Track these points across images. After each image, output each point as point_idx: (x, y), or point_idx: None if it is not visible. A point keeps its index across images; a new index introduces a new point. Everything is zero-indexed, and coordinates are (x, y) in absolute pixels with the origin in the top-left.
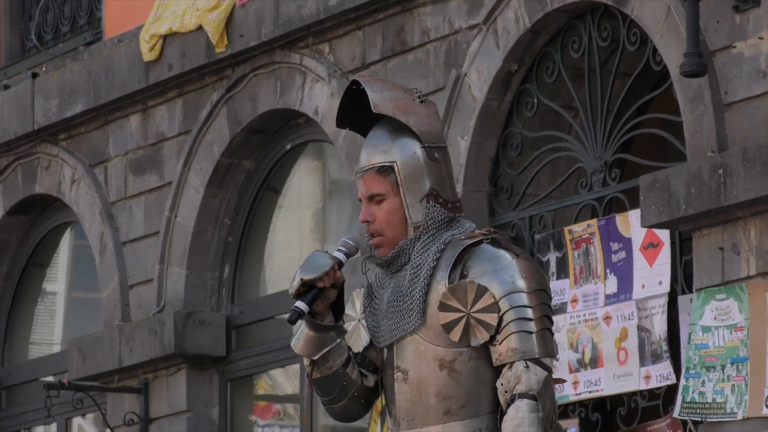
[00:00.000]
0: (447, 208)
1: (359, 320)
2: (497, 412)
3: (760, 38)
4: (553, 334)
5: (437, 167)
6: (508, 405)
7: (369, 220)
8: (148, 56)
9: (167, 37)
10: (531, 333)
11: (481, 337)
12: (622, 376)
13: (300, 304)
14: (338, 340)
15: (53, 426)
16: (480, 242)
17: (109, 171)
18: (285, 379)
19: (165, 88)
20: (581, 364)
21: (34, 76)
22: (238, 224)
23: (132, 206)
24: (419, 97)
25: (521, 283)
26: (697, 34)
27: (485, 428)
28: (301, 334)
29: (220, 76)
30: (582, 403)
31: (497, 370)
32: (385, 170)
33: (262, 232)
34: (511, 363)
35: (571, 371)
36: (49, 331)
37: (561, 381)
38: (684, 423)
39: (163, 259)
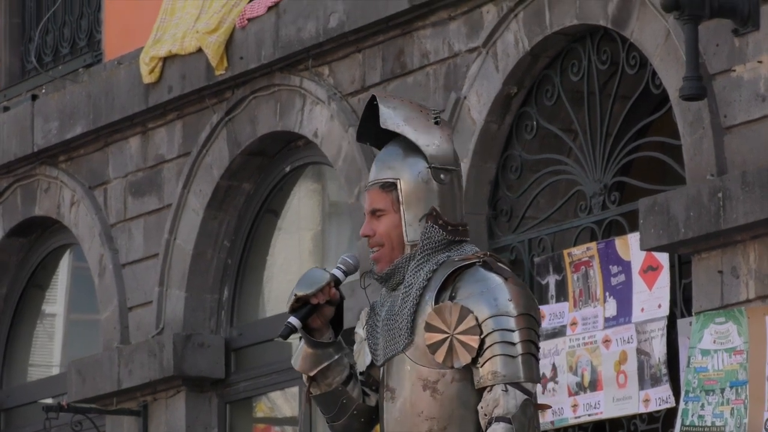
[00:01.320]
0: (447, 230)
1: (365, 339)
2: None
3: (760, 62)
4: (538, 359)
5: (443, 189)
6: (486, 428)
7: (369, 234)
8: (147, 78)
9: (167, 60)
10: (514, 357)
11: (463, 359)
12: (621, 400)
13: (292, 320)
14: (336, 357)
15: None
16: (472, 264)
17: (108, 193)
18: (284, 402)
19: (165, 111)
20: (580, 387)
21: (34, 98)
22: (238, 246)
23: (131, 228)
24: (435, 118)
25: (507, 307)
26: (696, 57)
27: None
28: (299, 350)
29: (220, 99)
30: (581, 426)
31: (480, 393)
32: (389, 186)
33: (261, 255)
34: (492, 386)
35: (570, 394)
36: (48, 353)
37: (545, 407)
38: None
39: (163, 281)
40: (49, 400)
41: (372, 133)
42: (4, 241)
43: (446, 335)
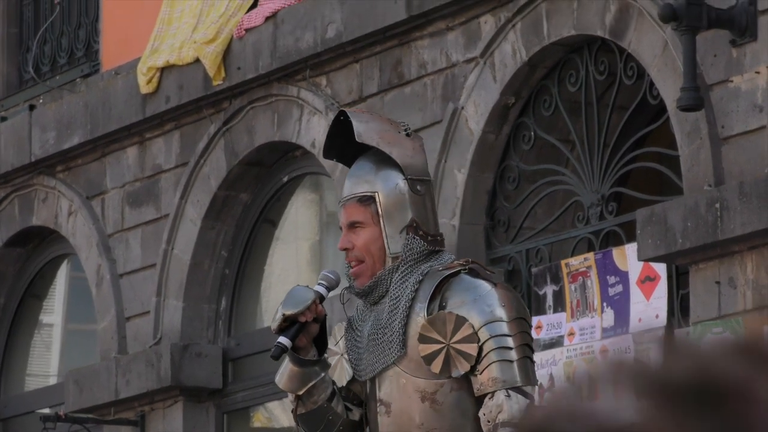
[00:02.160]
0: (427, 240)
1: (342, 354)
2: None
3: (757, 72)
4: (534, 362)
5: (420, 200)
6: None
7: (348, 247)
8: (145, 89)
9: (164, 70)
10: (512, 361)
11: (461, 368)
12: None
13: (283, 340)
14: (322, 375)
15: None
16: (458, 273)
17: (106, 203)
18: (281, 412)
19: (162, 121)
20: None
21: (32, 108)
22: (235, 256)
23: (129, 238)
24: (405, 130)
25: (500, 312)
26: (694, 68)
27: None
28: (285, 369)
29: (218, 109)
30: None
31: (479, 401)
32: (367, 200)
33: (259, 265)
34: (493, 392)
35: None
36: (45, 363)
37: None
38: None
39: (160, 291)
40: (46, 410)
41: (338, 149)
42: (2, 251)
43: (442, 345)
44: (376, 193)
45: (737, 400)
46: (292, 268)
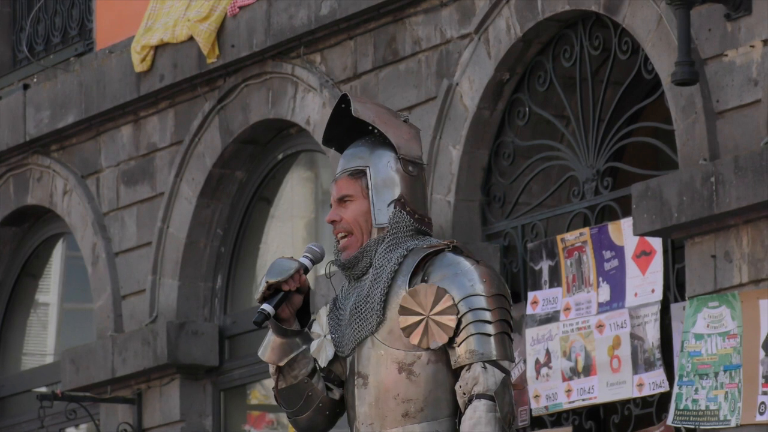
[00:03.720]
0: (414, 218)
1: (324, 336)
2: (456, 416)
3: (752, 46)
4: (512, 339)
5: (411, 180)
6: (466, 406)
7: (335, 219)
8: (139, 67)
9: (158, 48)
10: (489, 335)
11: (439, 339)
12: (615, 384)
13: (266, 307)
14: (303, 347)
15: None
16: (441, 251)
17: (101, 182)
18: None
19: (156, 99)
20: (574, 372)
21: (26, 87)
22: (231, 234)
23: (124, 217)
24: (404, 119)
25: (480, 287)
26: (688, 42)
27: (443, 431)
28: (267, 341)
29: (212, 87)
30: (575, 411)
31: (456, 374)
32: (358, 174)
33: (254, 242)
34: (470, 365)
35: (564, 379)
36: (41, 342)
37: (518, 388)
38: (677, 430)
39: (156, 269)
40: (43, 389)
41: (337, 138)
42: None
43: (422, 316)
44: (368, 168)
45: None
46: (287, 246)
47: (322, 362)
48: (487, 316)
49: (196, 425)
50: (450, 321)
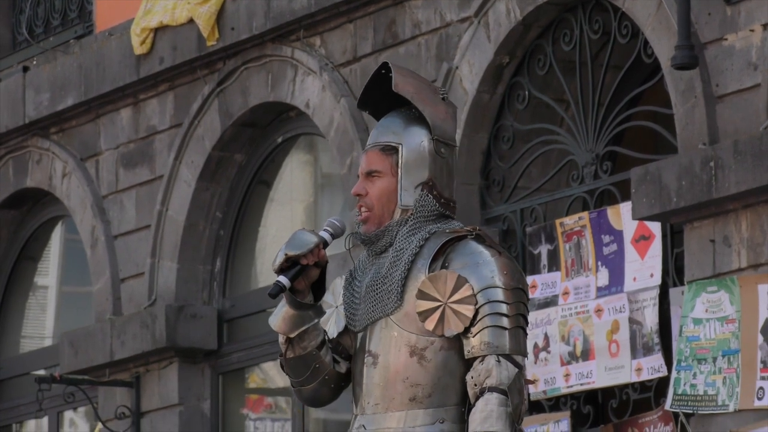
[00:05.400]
0: (440, 202)
1: (336, 306)
2: (463, 405)
3: (752, 30)
4: (526, 334)
5: (441, 162)
6: (477, 398)
7: (361, 193)
8: (139, 50)
9: (158, 31)
10: (505, 329)
11: (455, 327)
12: (613, 369)
13: (282, 279)
14: (315, 321)
15: (45, 420)
16: (464, 237)
17: (100, 164)
18: (277, 373)
19: (156, 82)
20: (573, 357)
21: (25, 69)
22: (230, 218)
23: (123, 200)
24: (442, 95)
25: (500, 280)
26: (688, 26)
27: (449, 419)
28: (279, 310)
29: (211, 70)
30: (573, 396)
31: (467, 363)
32: (390, 150)
33: (253, 226)
34: (483, 356)
35: (562, 364)
36: (40, 324)
37: (530, 382)
38: (675, 415)
39: (155, 252)
40: (41, 372)
41: (372, 103)
42: None
43: (439, 303)
44: (400, 145)
45: None
46: (286, 229)
47: (332, 333)
48: (505, 309)
49: (195, 408)
50: (468, 311)
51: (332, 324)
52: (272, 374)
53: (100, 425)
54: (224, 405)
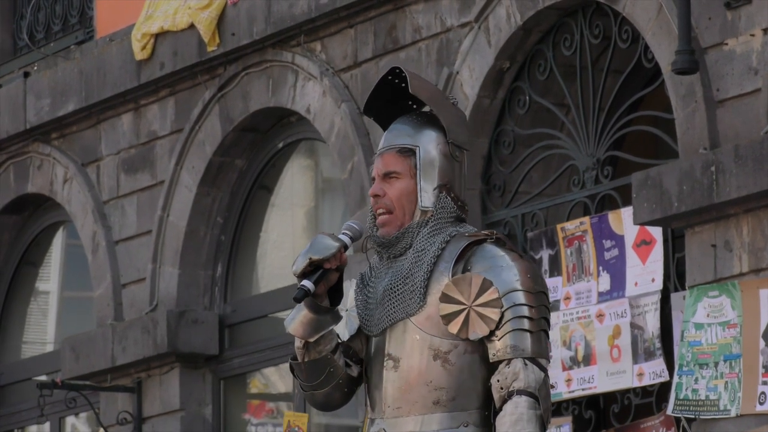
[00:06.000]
0: (457, 204)
1: (347, 310)
2: (486, 409)
3: (752, 35)
4: (549, 337)
5: (456, 166)
6: (504, 401)
7: (379, 194)
8: (139, 55)
9: (159, 36)
10: (530, 332)
11: (480, 331)
12: (615, 374)
13: (307, 283)
14: (333, 325)
15: (46, 425)
16: (483, 241)
17: (101, 170)
18: (278, 378)
19: (157, 87)
20: (574, 362)
21: (26, 75)
22: (231, 223)
23: (124, 205)
24: (453, 101)
25: (524, 283)
26: (688, 31)
27: (472, 423)
28: (297, 314)
29: (212, 75)
30: (575, 401)
31: (489, 367)
32: (407, 152)
33: (254, 231)
34: (509, 360)
35: (564, 369)
36: (41, 330)
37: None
38: (677, 420)
39: (156, 258)
40: (43, 378)
41: (374, 108)
42: None
43: (464, 306)
44: (418, 148)
45: None
46: (287, 235)
47: (345, 336)
48: (529, 312)
49: (196, 414)
50: (494, 314)
51: (345, 327)
52: (273, 379)
53: (102, 431)
54: (226, 410)
